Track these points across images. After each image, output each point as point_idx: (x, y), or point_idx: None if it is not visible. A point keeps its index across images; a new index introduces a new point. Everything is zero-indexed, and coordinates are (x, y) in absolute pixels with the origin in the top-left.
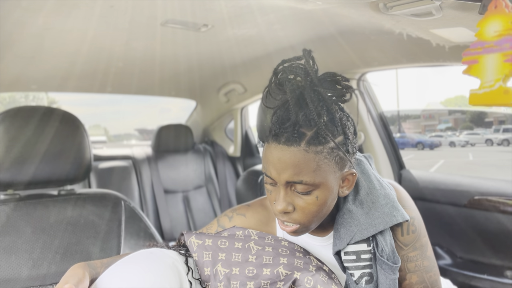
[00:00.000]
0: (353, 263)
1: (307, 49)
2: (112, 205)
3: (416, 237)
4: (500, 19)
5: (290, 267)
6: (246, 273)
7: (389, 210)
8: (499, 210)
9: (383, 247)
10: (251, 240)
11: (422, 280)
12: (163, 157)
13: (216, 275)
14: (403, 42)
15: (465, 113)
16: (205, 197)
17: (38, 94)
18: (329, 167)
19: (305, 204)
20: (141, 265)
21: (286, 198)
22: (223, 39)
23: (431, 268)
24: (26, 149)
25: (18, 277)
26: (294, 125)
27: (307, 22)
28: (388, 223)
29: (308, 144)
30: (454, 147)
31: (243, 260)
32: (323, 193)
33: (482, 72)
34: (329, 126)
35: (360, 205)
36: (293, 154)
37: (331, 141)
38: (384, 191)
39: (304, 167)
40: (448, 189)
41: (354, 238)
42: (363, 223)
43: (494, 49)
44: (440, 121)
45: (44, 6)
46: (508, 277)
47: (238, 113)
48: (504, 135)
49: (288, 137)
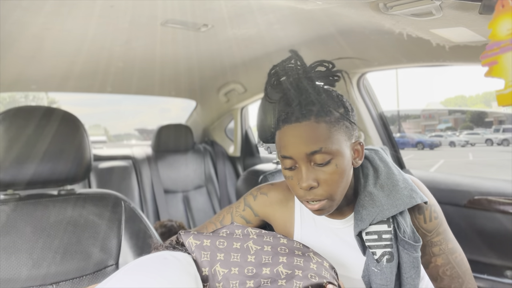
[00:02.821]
0: (375, 242)
1: (294, 50)
2: (112, 205)
3: (438, 223)
4: (510, 17)
5: (290, 266)
6: (245, 273)
7: (408, 192)
8: (499, 210)
9: (404, 228)
10: (249, 240)
11: (448, 261)
12: (163, 157)
13: (214, 275)
14: (403, 42)
15: (465, 113)
16: (205, 197)
17: (38, 94)
18: (340, 135)
19: (327, 175)
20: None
21: (309, 174)
22: (223, 39)
23: (456, 249)
24: (26, 149)
25: (18, 277)
26: (300, 106)
27: (307, 22)
28: (408, 204)
29: (317, 116)
30: (454, 147)
31: (242, 260)
32: (340, 160)
33: (504, 71)
34: (329, 101)
35: (381, 188)
36: (306, 127)
37: (336, 112)
38: (402, 176)
39: (319, 136)
40: (448, 189)
41: (376, 218)
42: (384, 204)
43: (511, 47)
44: (440, 121)
45: (44, 6)
46: (508, 277)
47: (238, 113)
48: (504, 135)
49: (298, 116)
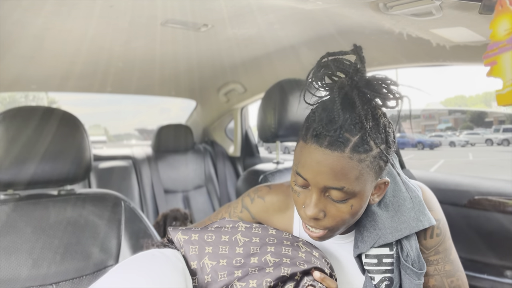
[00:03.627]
0: (374, 266)
1: (358, 45)
2: (112, 205)
3: (440, 240)
4: (507, 17)
5: (278, 255)
6: (233, 264)
7: (415, 214)
8: (499, 210)
9: (408, 251)
10: (238, 232)
11: (441, 285)
12: (163, 157)
13: (203, 268)
14: (403, 42)
15: (465, 113)
16: (205, 197)
17: (38, 94)
18: (369, 176)
19: (337, 212)
20: (145, 269)
21: (318, 204)
22: (223, 39)
23: (454, 272)
24: (26, 149)
25: (18, 277)
26: (340, 129)
27: (307, 22)
28: (414, 228)
29: (353, 151)
30: (454, 147)
31: (230, 252)
32: (358, 202)
33: (502, 72)
34: (374, 132)
35: (385, 208)
36: (337, 160)
37: (376, 148)
38: (410, 194)
39: (346, 174)
40: (448, 189)
41: (378, 242)
42: (388, 227)
43: (507, 47)
44: (440, 121)
45: (44, 6)
46: (508, 277)
47: (238, 113)
48: (504, 135)
49: (332, 141)
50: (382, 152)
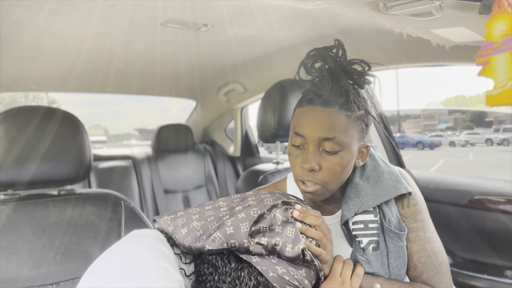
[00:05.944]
0: (361, 231)
1: (340, 40)
2: (112, 205)
3: (417, 210)
4: (505, 18)
5: (261, 206)
6: (220, 216)
7: (393, 183)
8: (499, 210)
9: (389, 217)
10: (219, 201)
11: (423, 249)
12: (163, 157)
13: (193, 229)
14: (403, 42)
15: (465, 113)
16: (205, 197)
17: (38, 94)
18: (354, 133)
19: (330, 164)
20: (128, 243)
21: (314, 157)
22: (223, 39)
23: (434, 239)
24: (26, 149)
25: (18, 277)
26: (330, 92)
27: (307, 22)
28: (392, 194)
29: (341, 108)
30: (454, 147)
31: (215, 212)
32: (347, 155)
33: (494, 72)
34: (356, 99)
35: (366, 180)
36: (329, 113)
37: (358, 111)
38: (388, 169)
39: (337, 126)
40: (448, 189)
41: (361, 208)
42: (369, 195)
43: (502, 49)
44: (440, 121)
45: (44, 6)
46: (508, 277)
47: (238, 113)
48: (504, 134)
49: (324, 100)
50: (364, 115)
